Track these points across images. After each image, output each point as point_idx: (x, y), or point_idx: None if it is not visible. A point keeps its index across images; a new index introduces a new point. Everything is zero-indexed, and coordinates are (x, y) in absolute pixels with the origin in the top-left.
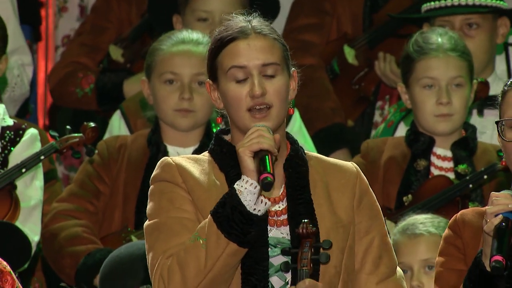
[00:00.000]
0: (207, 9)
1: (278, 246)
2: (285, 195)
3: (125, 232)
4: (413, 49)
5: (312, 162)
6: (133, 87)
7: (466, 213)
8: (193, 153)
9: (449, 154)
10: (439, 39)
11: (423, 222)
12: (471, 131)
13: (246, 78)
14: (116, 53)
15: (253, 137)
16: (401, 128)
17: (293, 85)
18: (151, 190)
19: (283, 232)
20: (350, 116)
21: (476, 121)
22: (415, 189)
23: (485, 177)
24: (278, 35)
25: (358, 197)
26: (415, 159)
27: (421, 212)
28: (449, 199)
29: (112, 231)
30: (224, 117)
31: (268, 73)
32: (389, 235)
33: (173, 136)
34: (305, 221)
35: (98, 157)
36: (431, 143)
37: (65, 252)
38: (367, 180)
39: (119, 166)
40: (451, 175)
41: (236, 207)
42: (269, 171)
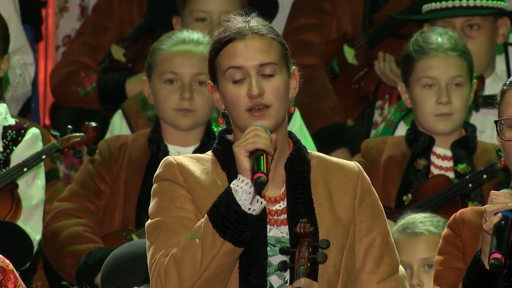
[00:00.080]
0: (205, 9)
1: (277, 245)
2: (286, 194)
3: (126, 231)
4: (413, 49)
5: (314, 161)
6: (135, 87)
7: (465, 212)
8: (194, 152)
9: (448, 153)
10: (439, 39)
11: (422, 221)
12: (471, 130)
13: (244, 78)
14: (118, 52)
15: (249, 137)
16: (401, 127)
17: (294, 84)
18: (153, 189)
19: (282, 231)
20: (350, 115)
21: (476, 120)
22: (415, 188)
23: (485, 176)
24: (276, 35)
25: (359, 196)
26: (415, 158)
27: (420, 211)
28: (449, 199)
29: (113, 230)
30: (226, 118)
31: (266, 73)
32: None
33: (174, 135)
34: (302, 220)
35: (99, 157)
36: (431, 142)
37: (66, 251)
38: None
39: (119, 165)
40: (451, 175)
41: (231, 206)
42: (262, 171)
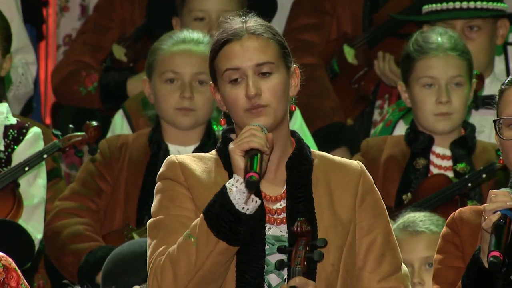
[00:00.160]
0: (203, 8)
1: (277, 244)
2: (286, 193)
3: (126, 230)
4: (413, 48)
5: (317, 160)
6: (137, 86)
7: (464, 211)
8: (194, 152)
9: (448, 153)
10: (439, 39)
11: (422, 220)
12: (470, 130)
13: (242, 79)
14: (119, 52)
15: (245, 136)
16: (399, 127)
17: (295, 82)
18: (156, 187)
19: (282, 230)
20: (349, 115)
21: (474, 120)
22: (414, 187)
23: (484, 176)
24: (274, 34)
25: (360, 195)
26: (415, 157)
27: (419, 210)
28: (448, 198)
29: (113, 229)
30: (227, 118)
31: (263, 72)
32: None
33: (174, 134)
34: (300, 219)
35: (100, 156)
36: (430, 141)
37: (67, 250)
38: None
39: (120, 164)
40: (450, 174)
41: (225, 205)
42: (255, 170)
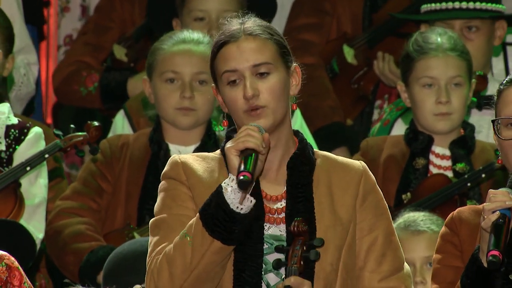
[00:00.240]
0: (203, 8)
1: (276, 243)
2: (286, 192)
3: (127, 229)
4: (413, 49)
5: (319, 160)
6: (137, 86)
7: (462, 210)
8: (194, 151)
9: (447, 152)
10: (439, 39)
11: (423, 219)
12: (469, 130)
13: (239, 80)
14: (120, 52)
15: (241, 136)
16: (397, 126)
17: (296, 80)
18: (159, 187)
19: (281, 229)
20: (349, 115)
21: (472, 120)
22: (414, 187)
23: (483, 175)
24: (272, 33)
25: (361, 195)
26: (414, 157)
27: (418, 210)
28: (448, 197)
29: (115, 228)
30: (229, 119)
31: (260, 72)
32: None
33: (175, 134)
34: (297, 219)
35: (101, 156)
36: (430, 141)
37: (69, 249)
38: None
39: (121, 164)
40: (450, 174)
41: (220, 204)
42: (248, 170)
